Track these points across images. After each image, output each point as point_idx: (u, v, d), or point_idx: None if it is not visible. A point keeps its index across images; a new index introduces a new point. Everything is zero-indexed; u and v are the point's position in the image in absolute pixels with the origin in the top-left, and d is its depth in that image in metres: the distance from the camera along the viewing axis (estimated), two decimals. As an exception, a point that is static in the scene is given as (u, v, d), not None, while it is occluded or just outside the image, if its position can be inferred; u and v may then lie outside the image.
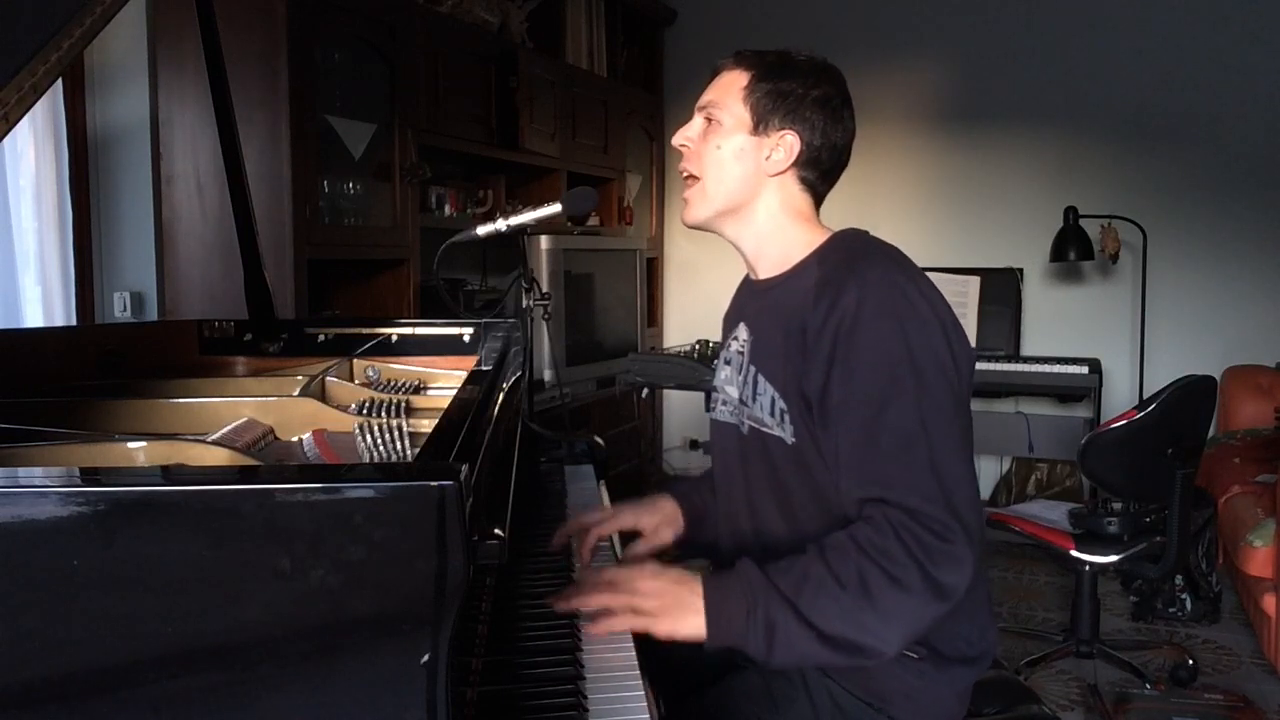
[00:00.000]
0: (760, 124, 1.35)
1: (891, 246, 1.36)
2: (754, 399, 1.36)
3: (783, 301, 1.35)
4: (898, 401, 1.19)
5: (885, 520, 1.16)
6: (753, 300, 1.44)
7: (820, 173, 1.39)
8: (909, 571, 1.13)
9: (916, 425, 1.19)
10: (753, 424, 1.37)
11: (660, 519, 1.52)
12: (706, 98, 1.39)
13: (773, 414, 1.33)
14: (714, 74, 1.41)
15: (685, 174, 1.41)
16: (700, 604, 1.17)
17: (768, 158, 1.36)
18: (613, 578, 1.21)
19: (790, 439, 1.31)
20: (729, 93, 1.37)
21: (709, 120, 1.38)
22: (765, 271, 1.42)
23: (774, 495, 1.35)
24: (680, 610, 1.17)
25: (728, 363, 1.45)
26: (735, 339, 1.44)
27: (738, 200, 1.38)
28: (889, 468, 1.19)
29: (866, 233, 1.40)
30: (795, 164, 1.36)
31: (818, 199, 1.42)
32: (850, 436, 1.22)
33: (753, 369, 1.38)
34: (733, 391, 1.42)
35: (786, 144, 1.35)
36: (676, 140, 1.42)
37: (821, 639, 1.14)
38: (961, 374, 1.26)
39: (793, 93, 1.34)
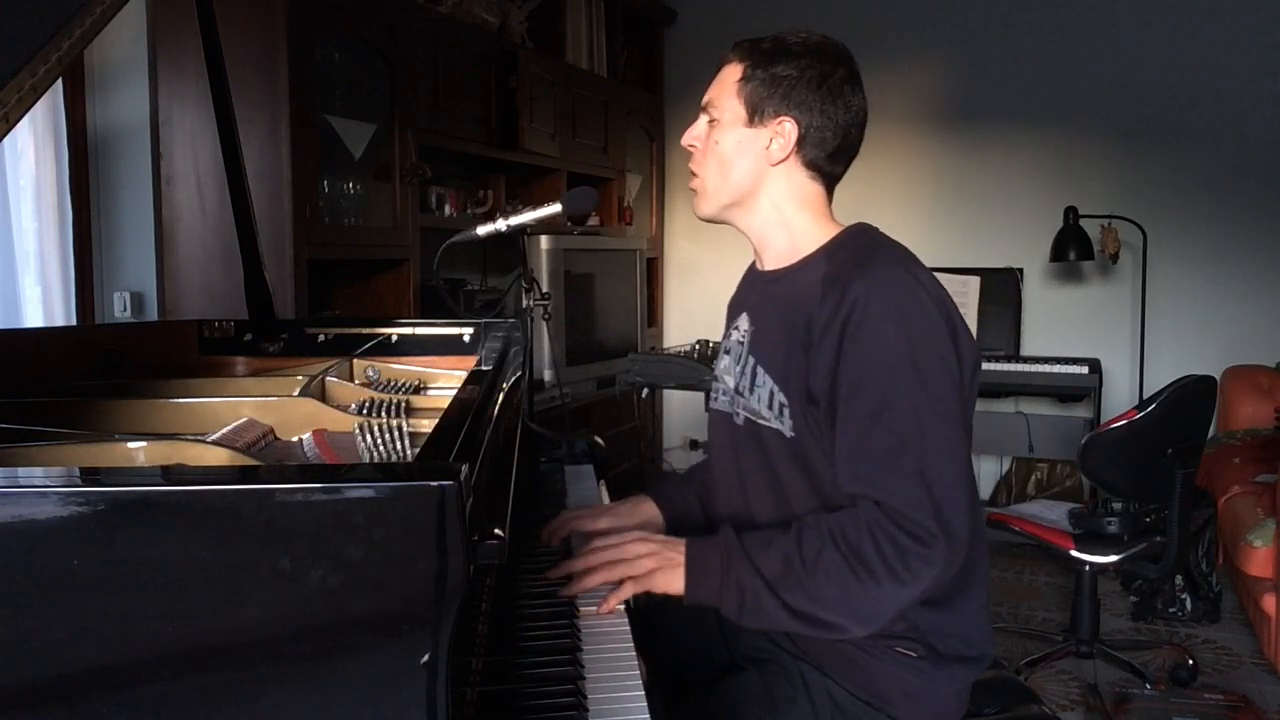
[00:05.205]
0: (755, 114, 1.34)
1: (899, 245, 1.36)
2: (751, 390, 1.36)
3: (788, 294, 1.35)
4: (897, 403, 1.21)
5: (864, 516, 1.21)
6: (757, 290, 1.44)
7: (827, 154, 1.36)
8: (875, 568, 1.19)
9: (911, 428, 1.21)
10: (748, 415, 1.37)
11: (640, 521, 1.52)
12: (706, 96, 1.40)
13: (771, 406, 1.33)
14: (717, 69, 1.41)
15: (693, 173, 1.42)
16: (683, 561, 1.27)
17: (768, 147, 1.35)
18: (607, 549, 1.30)
19: (789, 433, 1.31)
20: (725, 88, 1.37)
21: (711, 119, 1.38)
22: (772, 262, 1.41)
23: (769, 486, 1.36)
24: (668, 568, 1.27)
25: (727, 352, 1.46)
26: (736, 328, 1.45)
27: (741, 192, 1.38)
28: (878, 469, 1.21)
29: (876, 229, 1.39)
30: (798, 150, 1.35)
31: (829, 185, 1.40)
32: (847, 432, 1.24)
33: (751, 360, 1.38)
34: (729, 380, 1.43)
35: (785, 131, 1.34)
36: (685, 141, 1.42)
37: (787, 610, 1.22)
38: (965, 371, 1.27)
39: (787, 77, 1.33)
